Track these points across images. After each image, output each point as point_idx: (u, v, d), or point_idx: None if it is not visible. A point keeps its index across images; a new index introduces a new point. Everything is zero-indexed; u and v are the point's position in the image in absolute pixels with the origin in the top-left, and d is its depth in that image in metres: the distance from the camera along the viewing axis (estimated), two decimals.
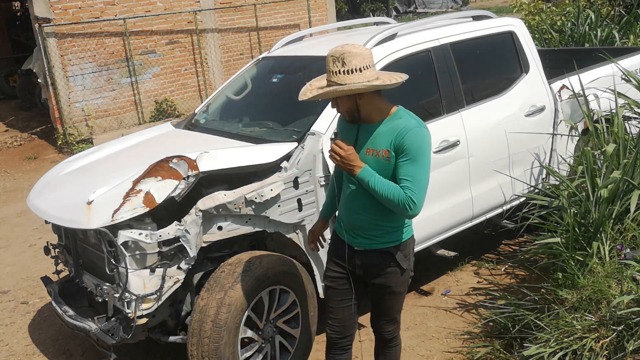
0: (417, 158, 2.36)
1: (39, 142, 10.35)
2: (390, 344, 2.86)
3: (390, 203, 2.38)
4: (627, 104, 4.64)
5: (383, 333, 2.82)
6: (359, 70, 2.33)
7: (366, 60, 2.35)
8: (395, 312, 2.76)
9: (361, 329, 3.87)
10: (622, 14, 8.70)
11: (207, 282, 3.09)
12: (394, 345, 2.87)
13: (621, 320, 2.94)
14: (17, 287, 4.99)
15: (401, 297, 2.72)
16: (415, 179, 2.35)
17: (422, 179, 2.37)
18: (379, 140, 2.43)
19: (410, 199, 2.34)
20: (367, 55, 2.36)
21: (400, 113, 2.45)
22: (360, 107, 2.43)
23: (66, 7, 9.27)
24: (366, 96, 2.41)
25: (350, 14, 22.32)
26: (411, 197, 2.35)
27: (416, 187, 2.35)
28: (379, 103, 2.45)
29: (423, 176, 2.37)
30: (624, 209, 3.74)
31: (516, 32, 4.45)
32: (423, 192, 2.37)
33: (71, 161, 3.98)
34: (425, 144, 2.38)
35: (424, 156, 2.37)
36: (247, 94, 4.44)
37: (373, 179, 2.40)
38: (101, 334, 3.10)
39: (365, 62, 2.35)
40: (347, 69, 2.34)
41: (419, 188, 2.35)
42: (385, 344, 2.86)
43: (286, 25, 11.98)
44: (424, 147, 2.37)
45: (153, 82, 10.36)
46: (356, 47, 2.38)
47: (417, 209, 2.37)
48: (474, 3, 27.36)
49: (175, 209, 3.12)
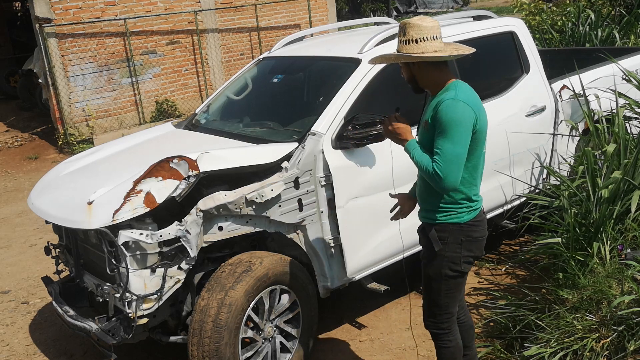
0: (445, 131, 2.36)
1: (39, 142, 10.36)
2: (436, 341, 2.74)
3: (426, 175, 2.42)
4: (627, 104, 4.64)
5: (427, 325, 2.75)
6: (414, 42, 2.42)
7: (424, 32, 2.41)
8: (430, 300, 2.68)
9: (362, 329, 3.87)
10: (623, 14, 8.69)
11: (208, 282, 3.09)
12: (440, 345, 2.73)
13: (622, 320, 2.94)
14: (18, 287, 5.00)
15: (434, 285, 2.63)
16: (442, 151, 2.36)
17: (449, 152, 2.35)
18: (428, 112, 2.50)
19: (436, 171, 2.36)
20: (425, 28, 2.41)
21: (449, 86, 2.47)
22: (417, 77, 2.52)
23: (67, 7, 9.27)
24: (422, 67, 2.48)
25: (351, 14, 22.32)
26: (436, 168, 2.36)
27: (443, 160, 2.35)
28: (436, 75, 2.49)
29: (450, 150, 2.35)
30: (625, 209, 3.74)
31: (517, 32, 4.44)
32: (450, 166, 2.35)
33: (72, 161, 3.98)
34: (455, 118, 2.35)
35: (452, 129, 2.35)
36: (247, 94, 4.44)
37: (413, 151, 2.47)
38: (102, 334, 3.10)
39: (422, 34, 2.41)
40: (405, 39, 2.44)
41: (445, 161, 2.35)
42: (434, 340, 2.77)
43: (287, 26, 11.98)
44: (454, 121, 2.35)
45: (154, 82, 10.36)
46: (422, 19, 2.45)
47: (443, 182, 2.36)
48: (475, 3, 27.36)
49: (175, 209, 3.12)
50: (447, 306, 2.65)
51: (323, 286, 3.45)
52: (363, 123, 3.24)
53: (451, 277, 2.59)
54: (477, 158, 2.50)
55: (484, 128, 2.47)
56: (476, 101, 2.44)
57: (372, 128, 3.21)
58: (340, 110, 3.43)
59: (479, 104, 2.45)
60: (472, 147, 2.44)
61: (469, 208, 2.54)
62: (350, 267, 3.44)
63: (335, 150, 3.34)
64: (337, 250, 3.41)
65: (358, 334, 3.82)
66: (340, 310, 4.09)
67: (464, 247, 2.55)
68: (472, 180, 2.52)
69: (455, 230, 2.54)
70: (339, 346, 3.71)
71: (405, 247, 3.56)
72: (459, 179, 2.40)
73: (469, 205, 2.53)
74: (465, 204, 2.52)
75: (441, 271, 2.58)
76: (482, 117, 2.45)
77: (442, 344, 2.71)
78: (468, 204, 2.53)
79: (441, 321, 2.68)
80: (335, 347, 3.71)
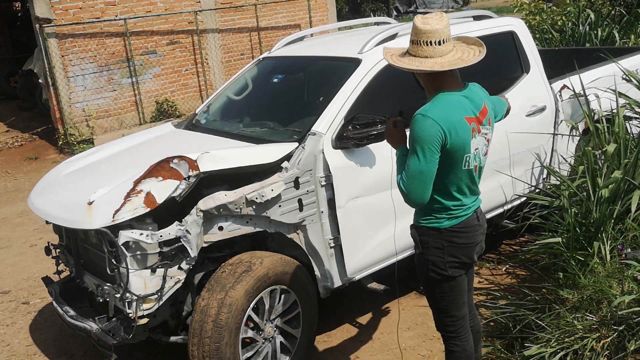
0: (411, 146, 2.35)
1: (39, 143, 10.37)
2: (444, 343, 2.71)
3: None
4: (627, 104, 4.64)
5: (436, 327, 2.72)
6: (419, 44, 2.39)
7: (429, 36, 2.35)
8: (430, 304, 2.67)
9: (362, 329, 3.87)
10: (623, 14, 8.69)
11: (208, 282, 3.09)
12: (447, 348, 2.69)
13: (622, 320, 2.94)
14: (18, 288, 5.00)
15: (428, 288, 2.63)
16: (408, 167, 2.35)
17: (413, 169, 2.32)
18: None
19: (400, 185, 2.37)
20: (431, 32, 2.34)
21: (435, 98, 2.40)
22: (420, 82, 2.51)
23: (67, 7, 9.27)
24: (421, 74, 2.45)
25: (351, 14, 22.33)
26: (401, 183, 2.37)
27: (407, 176, 2.35)
28: (435, 83, 2.43)
29: (415, 167, 2.31)
30: (625, 209, 3.74)
31: (517, 32, 4.44)
32: (413, 182, 2.32)
33: (72, 161, 3.98)
34: (420, 134, 2.29)
35: (416, 146, 2.31)
36: (247, 94, 4.44)
37: (397, 159, 2.48)
38: (102, 334, 3.10)
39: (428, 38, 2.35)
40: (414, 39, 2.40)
41: (409, 177, 2.34)
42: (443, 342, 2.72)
43: (287, 26, 11.98)
44: (420, 137, 2.29)
45: (154, 82, 10.36)
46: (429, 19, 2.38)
47: (407, 197, 2.36)
48: (475, 3, 27.36)
49: (176, 209, 3.12)
50: (447, 309, 2.60)
51: (323, 286, 3.45)
52: (363, 123, 3.24)
53: (440, 281, 2.54)
54: (454, 174, 2.40)
55: (460, 145, 2.34)
56: (451, 118, 2.31)
57: (372, 128, 3.21)
58: (340, 110, 3.43)
59: (454, 121, 2.31)
60: (447, 164, 2.36)
61: (450, 215, 2.47)
62: (350, 267, 3.44)
63: (336, 150, 3.34)
64: (337, 250, 3.41)
65: (358, 334, 3.82)
66: (340, 310, 4.09)
67: (446, 252, 2.48)
68: (449, 194, 2.45)
69: (435, 235, 2.49)
70: (339, 346, 3.71)
71: (405, 246, 3.56)
72: (426, 195, 2.36)
73: (450, 213, 2.47)
74: (444, 212, 2.47)
75: (428, 275, 2.55)
76: (457, 134, 2.32)
77: (450, 347, 2.68)
78: (448, 212, 2.47)
79: (446, 324, 2.65)
80: (335, 347, 3.71)
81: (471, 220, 2.52)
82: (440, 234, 2.48)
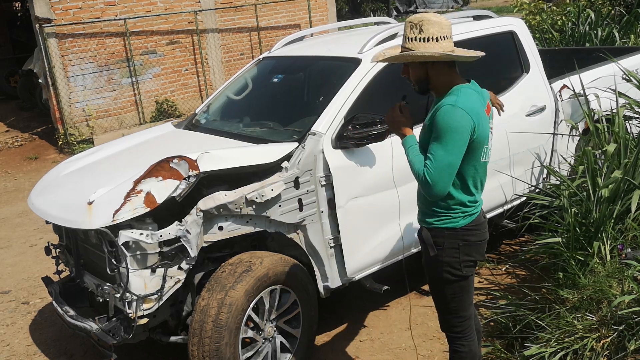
0: (440, 137, 2.29)
1: (39, 143, 10.37)
2: (450, 344, 2.66)
3: (416, 177, 2.36)
4: (627, 104, 4.64)
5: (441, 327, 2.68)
6: (435, 40, 2.32)
7: (444, 30, 2.32)
8: (439, 305, 2.63)
9: (362, 329, 3.87)
10: (623, 14, 8.69)
11: (208, 282, 3.09)
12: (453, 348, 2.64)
13: (622, 320, 2.94)
14: (18, 288, 5.00)
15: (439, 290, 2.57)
16: (435, 158, 2.29)
17: (441, 160, 2.29)
18: (431, 113, 2.42)
19: (426, 177, 2.30)
20: (445, 26, 2.33)
21: (453, 90, 2.37)
22: (430, 77, 2.41)
23: (67, 7, 9.27)
24: (438, 67, 2.38)
25: (351, 14, 22.34)
26: (426, 174, 2.30)
27: (434, 166, 2.29)
28: (449, 77, 2.40)
29: (443, 157, 2.28)
30: (625, 209, 3.74)
31: (517, 32, 4.44)
32: (440, 173, 2.29)
33: (72, 161, 3.98)
34: (452, 125, 2.26)
35: (447, 137, 2.28)
36: (247, 94, 4.44)
37: (408, 149, 2.42)
38: (102, 334, 3.10)
39: (443, 32, 2.32)
40: (424, 36, 2.32)
41: (436, 168, 2.29)
42: (448, 343, 2.67)
43: (287, 25, 11.98)
44: (451, 128, 2.27)
45: (154, 82, 10.36)
46: (436, 16, 2.35)
47: (432, 189, 2.31)
48: (475, 3, 27.36)
49: (176, 209, 3.12)
50: (456, 310, 2.59)
51: (323, 286, 3.45)
52: (363, 123, 3.24)
53: (453, 281, 2.52)
54: (473, 167, 2.40)
55: (484, 137, 2.37)
56: (478, 109, 2.34)
57: (372, 128, 3.21)
58: (340, 110, 3.43)
59: (480, 112, 2.35)
60: (468, 156, 2.35)
61: (464, 213, 2.46)
62: (350, 267, 3.44)
63: (336, 150, 3.34)
64: (337, 250, 3.41)
65: (358, 334, 3.82)
66: (340, 310, 4.09)
67: (462, 252, 2.47)
68: (466, 187, 2.44)
69: (451, 235, 2.47)
70: (339, 346, 3.71)
71: (405, 247, 3.56)
72: (449, 187, 2.35)
73: (464, 211, 2.46)
74: (460, 209, 2.45)
75: (442, 276, 2.52)
76: (482, 126, 2.35)
77: (455, 348, 2.65)
78: (463, 209, 2.46)
79: (453, 325, 2.63)
80: (335, 347, 3.71)
81: (480, 217, 2.55)
82: (456, 233, 2.47)
